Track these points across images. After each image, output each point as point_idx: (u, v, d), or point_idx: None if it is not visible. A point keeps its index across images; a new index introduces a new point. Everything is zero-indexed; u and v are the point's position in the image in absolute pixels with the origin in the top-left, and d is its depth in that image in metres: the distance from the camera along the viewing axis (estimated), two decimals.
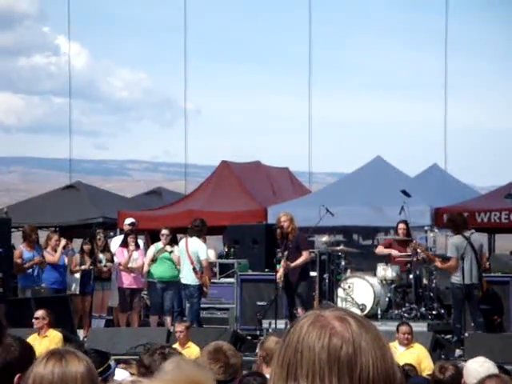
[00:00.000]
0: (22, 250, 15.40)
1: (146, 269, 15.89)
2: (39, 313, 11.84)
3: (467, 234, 13.37)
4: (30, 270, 15.28)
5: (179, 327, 10.76)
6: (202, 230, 14.49)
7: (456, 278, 13.32)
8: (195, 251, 14.35)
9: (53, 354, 3.12)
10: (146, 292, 16.82)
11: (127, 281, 16.07)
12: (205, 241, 14.81)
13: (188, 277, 14.41)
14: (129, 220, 17.02)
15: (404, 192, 15.66)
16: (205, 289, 14.36)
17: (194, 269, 14.30)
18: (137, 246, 16.26)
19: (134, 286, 16.17)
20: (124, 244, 16.28)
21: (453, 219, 13.88)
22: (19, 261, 15.14)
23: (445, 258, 13.73)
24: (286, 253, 13.45)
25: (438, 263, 13.70)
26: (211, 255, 17.07)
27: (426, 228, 15.49)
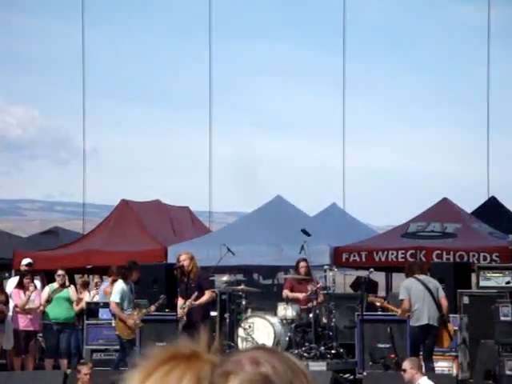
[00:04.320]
0: None
1: (40, 309, 15.52)
2: None
3: (421, 277, 13.21)
4: None
5: (85, 369, 10.37)
6: (127, 273, 14.25)
7: (412, 321, 13.13)
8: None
9: None
10: (41, 334, 16.40)
11: (23, 323, 15.64)
12: (132, 281, 14.45)
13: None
14: (26, 260, 16.66)
15: (304, 231, 15.77)
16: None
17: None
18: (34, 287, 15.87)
19: (31, 328, 15.75)
20: (20, 285, 15.87)
21: (409, 264, 14.03)
22: None
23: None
24: (194, 294, 13.37)
25: (398, 311, 13.36)
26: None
27: (325, 267, 15.61)
